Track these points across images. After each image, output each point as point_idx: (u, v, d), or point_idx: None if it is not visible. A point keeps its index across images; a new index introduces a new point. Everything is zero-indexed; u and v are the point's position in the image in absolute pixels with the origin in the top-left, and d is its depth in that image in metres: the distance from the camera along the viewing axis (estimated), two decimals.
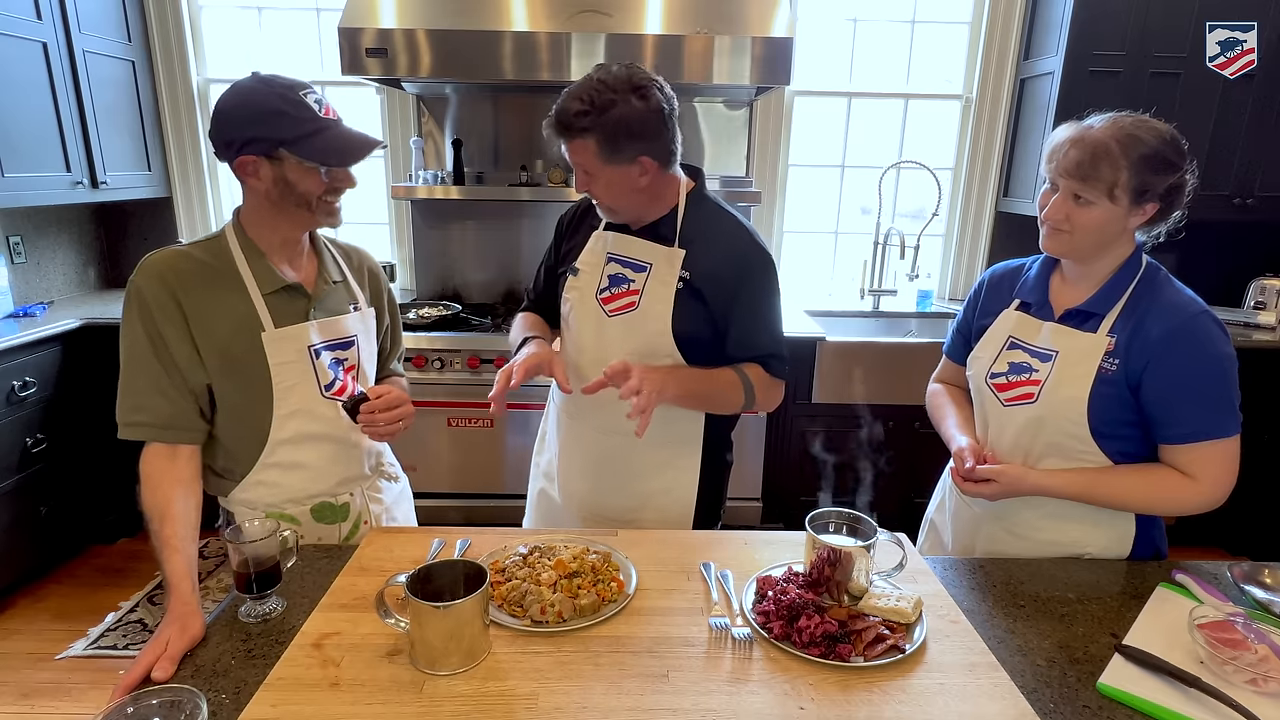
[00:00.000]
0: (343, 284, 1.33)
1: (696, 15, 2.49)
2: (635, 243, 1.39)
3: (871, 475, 2.79)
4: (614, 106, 1.22)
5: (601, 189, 1.31)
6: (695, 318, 1.35)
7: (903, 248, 3.13)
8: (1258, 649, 0.93)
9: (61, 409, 2.62)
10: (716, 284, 1.35)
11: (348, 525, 1.33)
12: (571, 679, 0.90)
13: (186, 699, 0.79)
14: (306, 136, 1.12)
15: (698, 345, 1.37)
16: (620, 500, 1.46)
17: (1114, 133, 1.10)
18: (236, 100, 1.13)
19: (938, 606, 1.05)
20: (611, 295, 1.39)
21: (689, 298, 1.35)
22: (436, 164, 3.14)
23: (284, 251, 1.23)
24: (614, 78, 1.24)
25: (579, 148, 1.26)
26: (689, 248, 1.35)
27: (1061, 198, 1.14)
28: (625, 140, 1.24)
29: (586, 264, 1.43)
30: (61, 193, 2.70)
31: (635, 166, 1.27)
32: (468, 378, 2.65)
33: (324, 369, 1.25)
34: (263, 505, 1.26)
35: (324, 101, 1.16)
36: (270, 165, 1.14)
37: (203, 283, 1.17)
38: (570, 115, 1.23)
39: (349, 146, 1.16)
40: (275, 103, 1.11)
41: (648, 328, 1.36)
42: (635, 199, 1.34)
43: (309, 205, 1.18)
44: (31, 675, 2.19)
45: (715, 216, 1.40)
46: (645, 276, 1.37)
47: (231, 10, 3.16)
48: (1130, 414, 1.17)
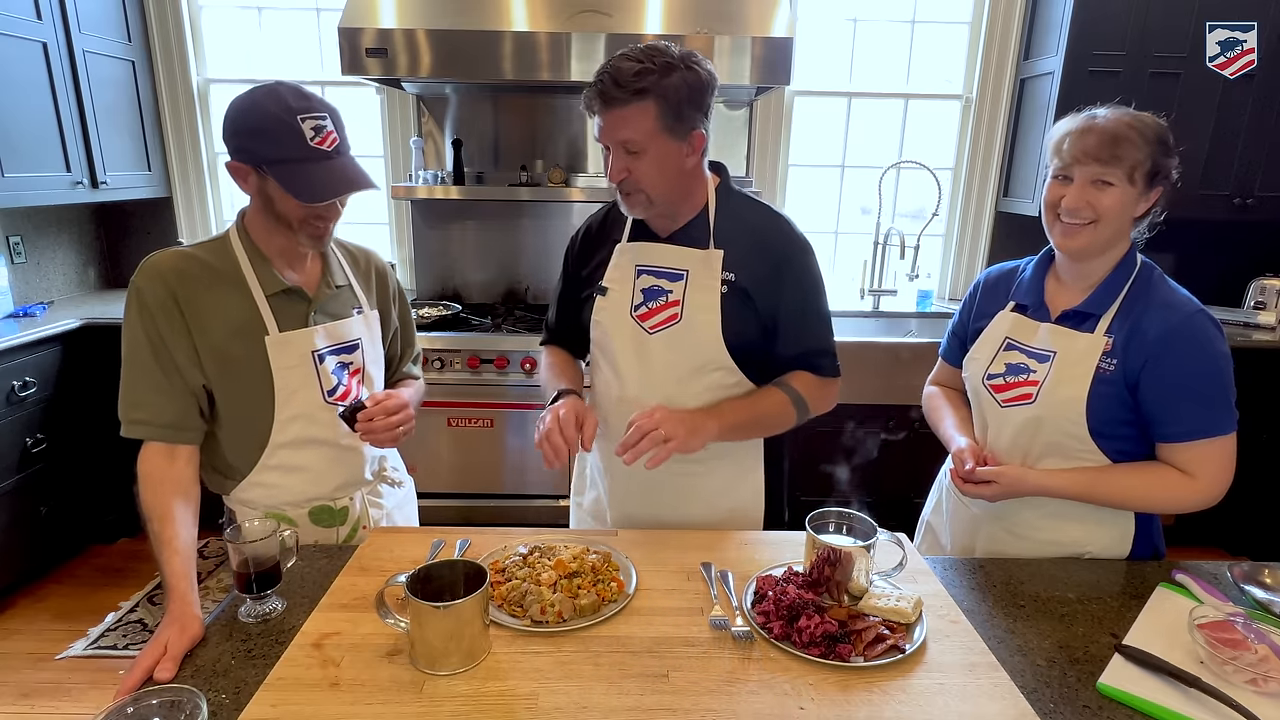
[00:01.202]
0: (347, 288, 1.32)
1: (696, 15, 2.49)
2: (666, 250, 1.28)
3: (871, 475, 2.80)
4: (675, 70, 1.13)
5: (647, 168, 1.17)
6: (745, 321, 1.25)
7: (903, 248, 3.13)
8: (1258, 649, 0.93)
9: (61, 409, 2.62)
10: (761, 282, 1.25)
11: (345, 529, 1.33)
12: (571, 679, 0.89)
13: (186, 699, 0.79)
14: (285, 162, 1.10)
15: (750, 350, 1.27)
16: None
17: (1125, 119, 1.11)
18: (240, 105, 1.12)
19: (938, 606, 1.05)
20: (649, 311, 1.27)
21: (736, 301, 1.24)
22: (436, 164, 3.15)
23: (286, 255, 1.23)
24: (660, 45, 1.14)
25: (633, 115, 1.13)
26: (727, 247, 1.25)
27: (1080, 186, 1.13)
28: (687, 107, 1.14)
29: (614, 281, 1.31)
30: (61, 193, 2.70)
31: (687, 143, 1.18)
32: (468, 378, 2.65)
33: (327, 374, 1.25)
34: (261, 506, 1.26)
35: (325, 128, 1.12)
36: (256, 177, 1.13)
37: (204, 284, 1.17)
38: (628, 75, 1.11)
39: (322, 185, 1.11)
40: (267, 121, 1.09)
41: (696, 339, 1.25)
42: (678, 185, 1.23)
43: (290, 225, 1.16)
44: (31, 675, 2.19)
45: (748, 210, 1.30)
46: (683, 285, 1.25)
47: (231, 10, 3.16)
48: (1128, 413, 1.17)
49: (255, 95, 1.12)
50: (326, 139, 1.12)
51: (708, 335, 1.25)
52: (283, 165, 1.10)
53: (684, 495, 1.35)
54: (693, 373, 1.26)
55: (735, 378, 1.29)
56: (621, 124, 1.15)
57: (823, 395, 1.34)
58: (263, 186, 1.14)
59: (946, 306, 3.30)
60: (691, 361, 1.26)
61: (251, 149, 1.11)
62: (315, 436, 1.25)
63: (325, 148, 1.11)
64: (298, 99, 1.11)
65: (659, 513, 1.36)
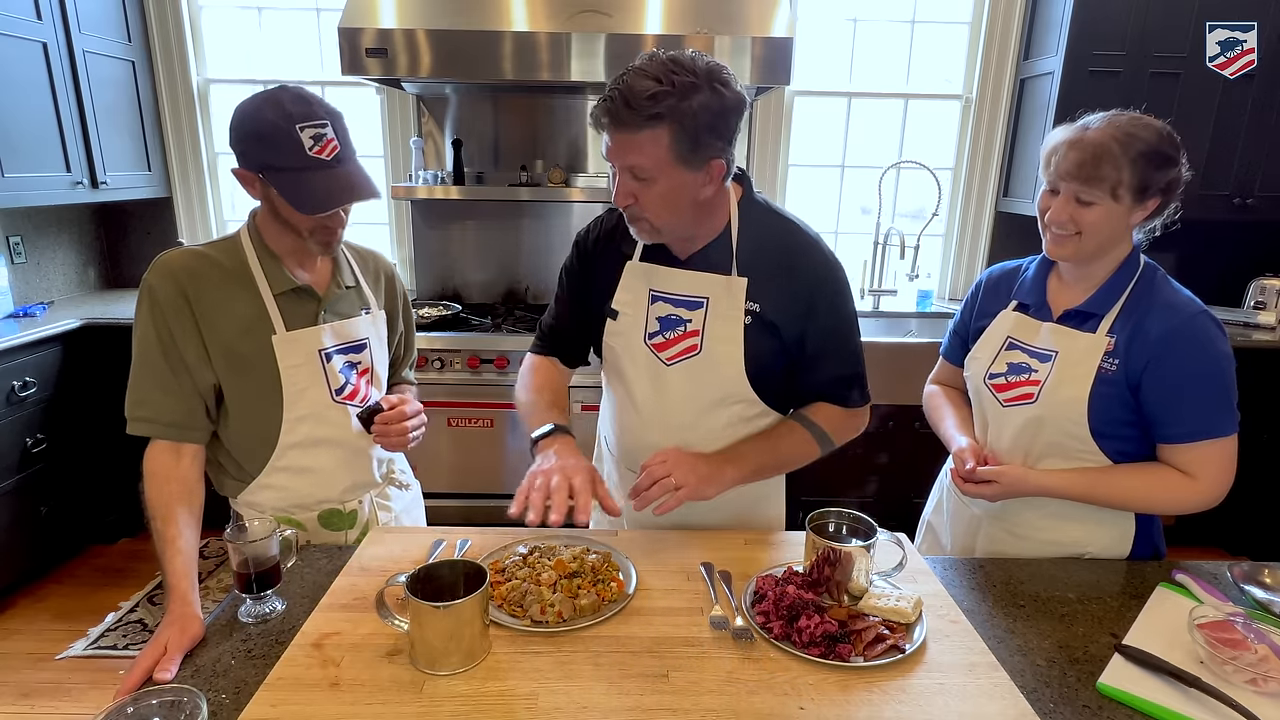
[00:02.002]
0: (355, 288, 1.32)
1: (697, 15, 2.49)
2: (683, 275, 1.18)
3: (871, 475, 2.80)
4: (696, 92, 0.98)
5: (655, 199, 1.06)
6: (769, 353, 1.17)
7: (903, 248, 3.13)
8: (1258, 649, 0.93)
9: (61, 409, 2.62)
10: (788, 313, 1.15)
11: (354, 533, 1.32)
12: (571, 679, 0.89)
13: (186, 699, 0.79)
14: (284, 171, 1.09)
15: (771, 380, 1.19)
16: None
17: (1112, 132, 1.10)
18: (243, 111, 1.11)
19: (938, 606, 1.05)
20: (666, 341, 1.19)
21: (760, 332, 1.15)
22: (436, 164, 3.14)
23: (297, 254, 1.23)
24: (686, 59, 1.00)
25: (645, 141, 1.00)
26: (751, 274, 1.15)
27: (1064, 201, 1.14)
28: (707, 134, 1.01)
29: (626, 305, 1.22)
30: (61, 193, 2.70)
31: (704, 173, 1.05)
32: (468, 378, 2.65)
33: (335, 373, 1.24)
34: (270, 509, 1.26)
35: (325, 136, 1.09)
36: (261, 183, 1.13)
37: (215, 283, 1.17)
38: (642, 97, 0.97)
39: (323, 195, 1.10)
40: (266, 129, 1.08)
41: (717, 373, 1.17)
42: (689, 215, 1.11)
43: (297, 232, 1.16)
44: (31, 675, 2.19)
45: (774, 228, 1.19)
46: (703, 313, 1.16)
47: (231, 10, 3.16)
48: (1130, 413, 1.17)
49: (258, 101, 1.11)
50: (326, 147, 1.10)
51: (729, 369, 1.17)
52: (282, 174, 1.10)
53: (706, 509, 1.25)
54: (713, 405, 1.20)
55: (758, 409, 1.23)
56: (630, 149, 1.03)
57: (848, 425, 1.26)
58: (268, 193, 1.14)
59: (946, 306, 3.30)
60: (711, 394, 1.19)
61: (253, 155, 1.11)
62: (325, 437, 1.25)
63: (325, 156, 1.09)
64: (298, 105, 1.09)
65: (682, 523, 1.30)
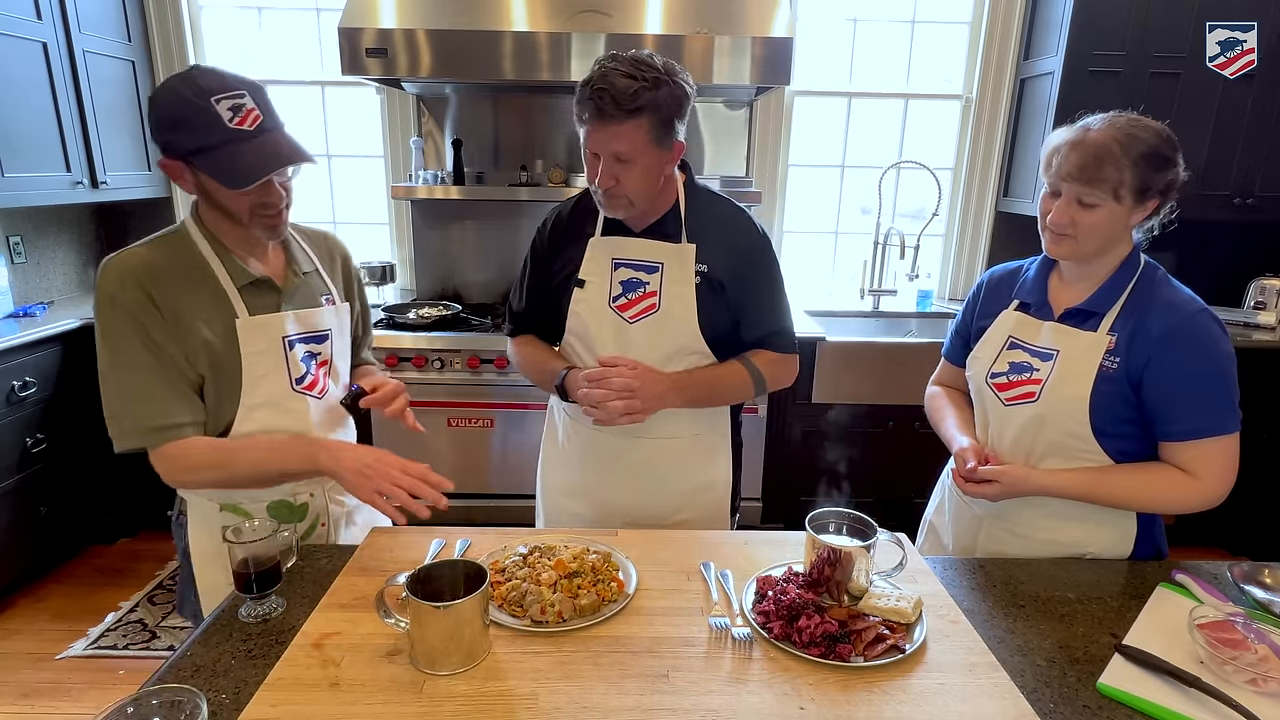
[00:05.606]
0: (313, 274, 1.29)
1: (696, 15, 2.49)
2: (641, 244, 1.36)
3: (871, 475, 2.80)
4: (663, 85, 1.18)
5: (636, 177, 1.24)
6: (718, 310, 1.35)
7: (903, 248, 3.13)
8: (1258, 649, 0.93)
9: (61, 409, 2.62)
10: (731, 273, 1.34)
11: (304, 525, 1.29)
12: (571, 679, 0.89)
13: (186, 699, 0.79)
14: (207, 150, 1.05)
15: (722, 337, 1.37)
16: (661, 502, 1.44)
17: (1113, 134, 1.10)
18: (156, 96, 1.07)
19: (938, 606, 1.05)
20: (628, 302, 1.36)
21: (709, 291, 1.34)
22: (436, 164, 3.14)
23: (246, 244, 1.19)
24: (646, 58, 1.20)
25: (628, 130, 1.18)
26: (698, 241, 1.34)
27: (1065, 202, 1.14)
28: (676, 120, 1.21)
29: (592, 274, 1.38)
30: (61, 193, 2.70)
31: (670, 152, 1.25)
32: (468, 378, 2.65)
33: (296, 361, 1.22)
34: (218, 498, 1.22)
35: (245, 106, 1.05)
36: (190, 171, 1.09)
37: (173, 279, 1.13)
38: (627, 94, 1.15)
39: (249, 167, 1.05)
40: (181, 109, 1.04)
41: (674, 327, 1.34)
42: (657, 189, 1.31)
43: (236, 219, 1.12)
44: (31, 675, 2.19)
45: (715, 205, 1.40)
46: (659, 276, 1.34)
47: (231, 10, 3.16)
48: (1131, 412, 1.17)
49: (170, 82, 1.06)
50: (248, 117, 1.05)
51: (685, 324, 1.34)
52: (205, 153, 1.04)
53: (662, 467, 1.44)
54: (670, 356, 1.36)
55: (709, 360, 1.40)
56: (616, 139, 1.20)
57: (781, 370, 1.45)
58: (199, 181, 1.09)
59: (946, 306, 3.30)
60: (669, 346, 1.36)
61: (175, 142, 1.06)
62: (281, 426, 1.20)
63: (247, 127, 1.05)
64: (210, 79, 1.05)
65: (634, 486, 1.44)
